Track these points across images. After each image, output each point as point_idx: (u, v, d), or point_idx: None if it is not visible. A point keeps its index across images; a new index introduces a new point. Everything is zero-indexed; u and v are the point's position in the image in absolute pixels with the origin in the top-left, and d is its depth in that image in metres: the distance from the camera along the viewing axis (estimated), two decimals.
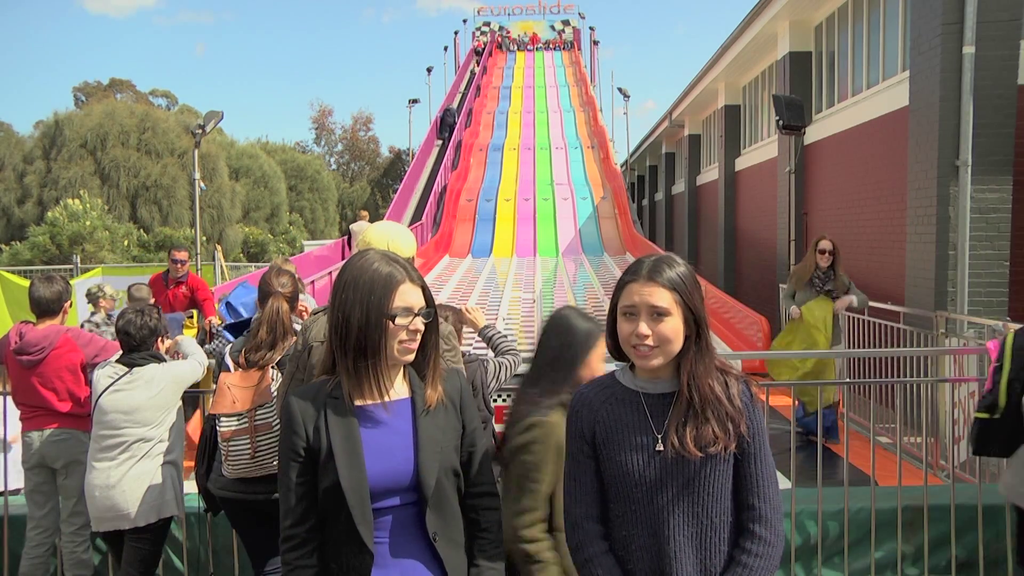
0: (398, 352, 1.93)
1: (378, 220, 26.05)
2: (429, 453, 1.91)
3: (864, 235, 11.23)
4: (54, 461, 4.01)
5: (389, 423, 1.94)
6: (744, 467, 1.86)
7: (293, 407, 1.95)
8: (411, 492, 1.91)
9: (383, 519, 1.90)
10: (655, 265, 1.88)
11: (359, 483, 1.85)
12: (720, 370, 1.88)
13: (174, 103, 49.36)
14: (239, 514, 3.31)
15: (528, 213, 23.15)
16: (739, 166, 18.99)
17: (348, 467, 1.86)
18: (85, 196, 25.76)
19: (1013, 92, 7.91)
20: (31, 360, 3.97)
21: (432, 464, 1.91)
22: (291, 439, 1.92)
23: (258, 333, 3.30)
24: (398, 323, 1.91)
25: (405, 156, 49.85)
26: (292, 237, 36.87)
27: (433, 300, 2.01)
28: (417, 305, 1.94)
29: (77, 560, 3.96)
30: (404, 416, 1.95)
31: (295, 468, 1.91)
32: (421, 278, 2.00)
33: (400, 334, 1.92)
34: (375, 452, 1.89)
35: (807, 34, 13.92)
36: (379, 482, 1.87)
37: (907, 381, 6.13)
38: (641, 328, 1.83)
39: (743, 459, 1.86)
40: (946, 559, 4.06)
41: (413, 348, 1.95)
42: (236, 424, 3.17)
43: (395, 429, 1.93)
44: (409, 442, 1.93)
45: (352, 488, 1.85)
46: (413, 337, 1.93)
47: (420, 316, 1.93)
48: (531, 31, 44.63)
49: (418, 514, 1.91)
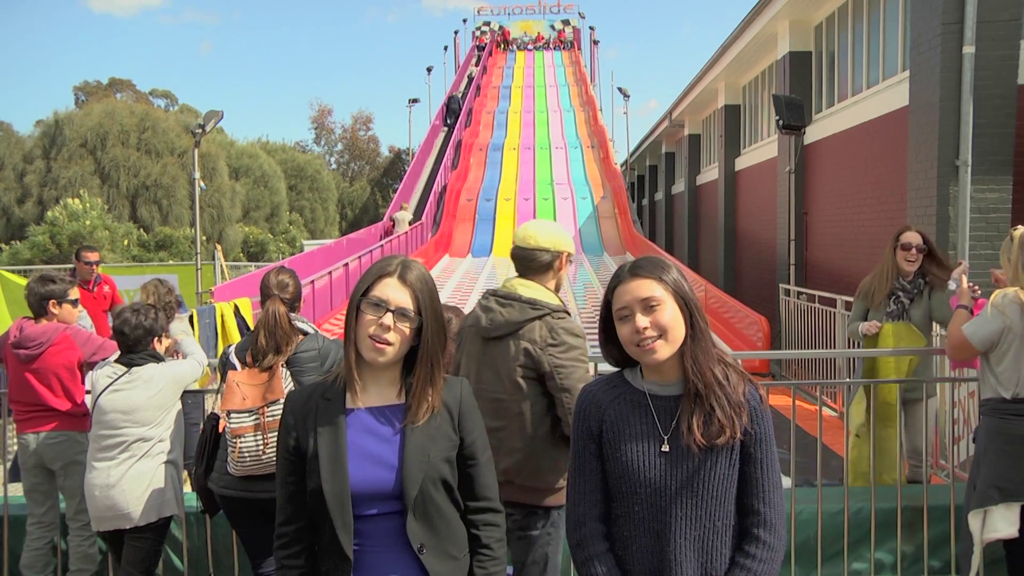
0: (365, 347, 1.87)
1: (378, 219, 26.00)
2: (414, 462, 1.86)
3: (864, 235, 11.22)
4: (52, 463, 4.02)
5: (377, 429, 1.90)
6: (750, 471, 1.86)
7: (288, 406, 1.95)
8: (396, 501, 1.87)
9: (367, 527, 1.86)
10: (635, 263, 1.91)
11: (340, 487, 1.83)
12: (721, 361, 1.89)
13: (174, 103, 49.36)
14: (241, 513, 3.31)
15: (528, 213, 23.15)
16: (739, 166, 18.98)
17: (331, 471, 1.84)
18: (85, 196, 25.73)
19: (1013, 92, 7.92)
20: (28, 354, 3.97)
21: (417, 473, 1.86)
22: (285, 437, 1.92)
23: (257, 339, 3.31)
24: (366, 312, 1.86)
25: (405, 156, 49.85)
26: (292, 237, 36.87)
27: (428, 313, 1.90)
28: (394, 302, 1.86)
29: (83, 554, 3.99)
30: (394, 422, 1.91)
31: (286, 467, 1.91)
32: (421, 285, 1.90)
33: (369, 327, 1.86)
34: (359, 457, 1.87)
35: (807, 34, 13.92)
36: (361, 488, 1.84)
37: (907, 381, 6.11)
38: (638, 322, 1.83)
39: (749, 462, 1.86)
40: (946, 559, 4.06)
41: (381, 348, 1.85)
42: (248, 420, 3.18)
43: (383, 435, 1.90)
44: (395, 449, 1.88)
45: (333, 492, 1.83)
46: (381, 334, 1.85)
47: (394, 314, 1.86)
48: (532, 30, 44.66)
49: (404, 524, 1.88)
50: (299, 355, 3.31)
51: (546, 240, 2.93)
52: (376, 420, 1.91)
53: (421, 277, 1.93)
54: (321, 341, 3.39)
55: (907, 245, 4.75)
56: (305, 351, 3.33)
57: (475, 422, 2.01)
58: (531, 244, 2.94)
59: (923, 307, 4.75)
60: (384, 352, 1.86)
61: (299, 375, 3.29)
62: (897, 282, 4.76)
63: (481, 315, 2.93)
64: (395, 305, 1.87)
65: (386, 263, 1.94)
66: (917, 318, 4.74)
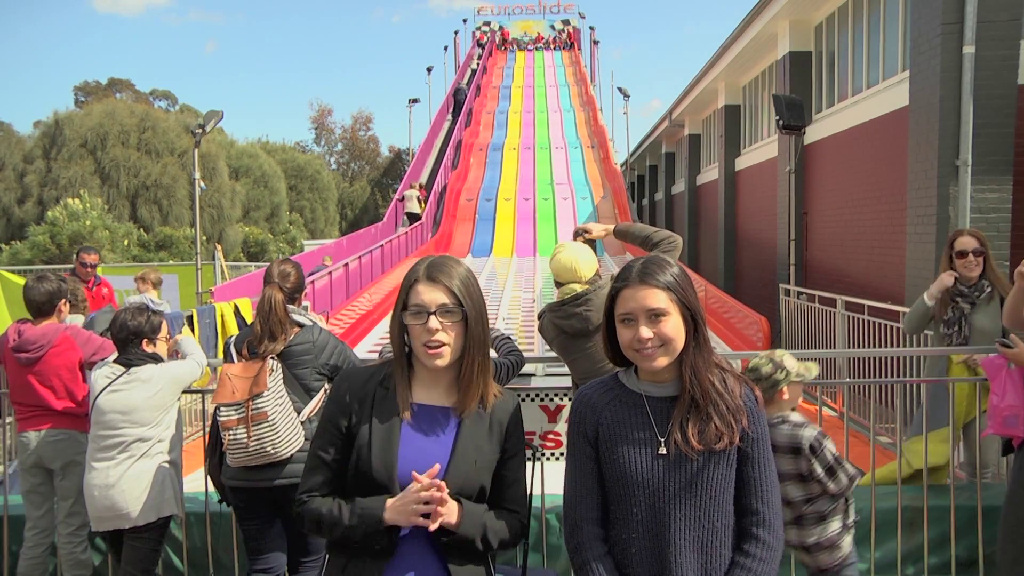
0: (423, 356, 1.90)
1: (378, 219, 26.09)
2: (462, 463, 1.90)
3: (864, 235, 11.22)
4: (51, 462, 4.00)
5: (431, 426, 1.93)
6: (747, 471, 1.86)
7: (344, 384, 1.97)
8: None
9: None
10: (644, 268, 1.88)
11: (388, 471, 1.87)
12: (718, 367, 1.89)
13: (174, 103, 49.40)
14: (248, 502, 3.35)
15: (528, 213, 23.15)
16: (739, 166, 18.98)
17: (381, 455, 1.87)
18: (85, 196, 25.76)
19: (1013, 92, 7.92)
20: (29, 358, 3.96)
21: (461, 476, 1.89)
22: (336, 414, 1.94)
23: (254, 327, 3.33)
24: (411, 322, 1.89)
25: (405, 156, 49.86)
26: (292, 237, 36.89)
27: (469, 302, 1.90)
28: (433, 304, 1.87)
29: (76, 560, 3.96)
30: (446, 423, 1.94)
31: (328, 440, 1.94)
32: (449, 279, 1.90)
33: (421, 335, 1.88)
34: (410, 448, 1.90)
35: (807, 34, 13.92)
36: (406, 478, 1.87)
37: (907, 381, 6.13)
38: (642, 332, 1.82)
39: (746, 463, 1.86)
40: (946, 559, 4.06)
41: (437, 352, 1.88)
42: (235, 414, 3.20)
43: (434, 433, 1.93)
44: (446, 449, 1.91)
45: (381, 475, 1.86)
46: (432, 338, 1.87)
47: (436, 315, 1.86)
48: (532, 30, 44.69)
49: None
50: (292, 348, 3.32)
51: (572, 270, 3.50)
52: (432, 418, 1.94)
53: (448, 272, 1.92)
54: (317, 334, 3.39)
55: (963, 252, 4.38)
56: (299, 343, 3.33)
57: (519, 440, 2.03)
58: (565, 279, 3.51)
59: (990, 312, 4.36)
60: (442, 354, 1.89)
61: (293, 368, 3.30)
62: (955, 287, 4.40)
63: (564, 322, 3.41)
64: (434, 306, 1.88)
65: (412, 271, 1.95)
66: (983, 324, 4.38)
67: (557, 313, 3.43)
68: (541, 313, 3.58)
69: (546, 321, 3.51)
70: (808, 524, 3.01)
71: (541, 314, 3.59)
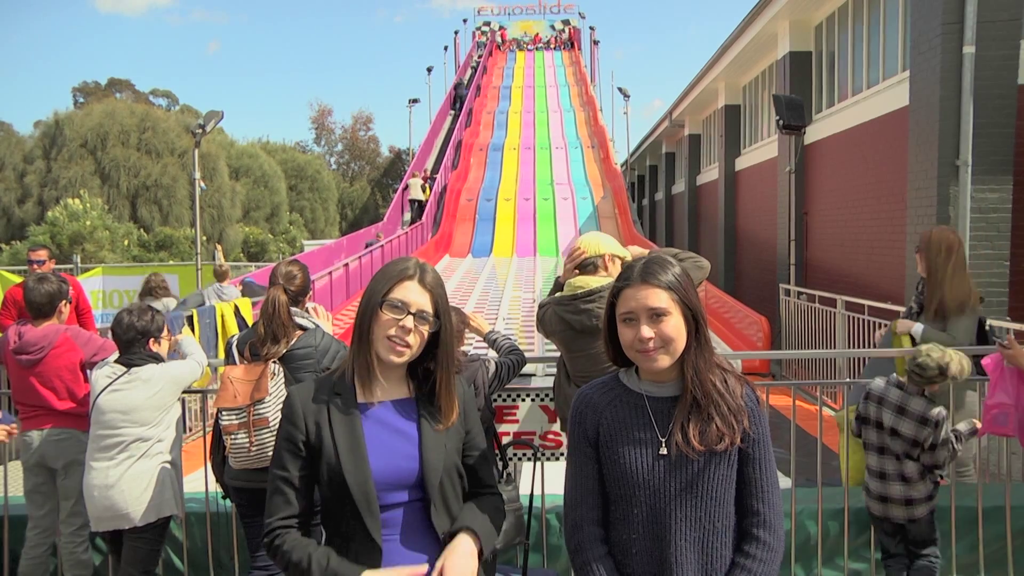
0: (384, 347, 1.89)
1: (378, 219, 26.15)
2: (433, 451, 1.91)
3: (864, 235, 11.22)
4: (54, 461, 4.00)
5: (393, 422, 1.93)
6: (748, 471, 1.86)
7: (295, 401, 1.95)
8: (416, 489, 1.91)
9: (389, 515, 1.89)
10: (646, 267, 1.86)
11: (363, 477, 1.85)
12: (719, 367, 1.88)
13: (175, 103, 49.41)
14: (250, 502, 3.34)
15: (528, 213, 23.16)
16: (739, 166, 18.99)
17: (352, 462, 1.86)
18: (85, 196, 25.76)
19: (1013, 92, 7.92)
20: (30, 359, 3.97)
21: (437, 463, 1.90)
22: (291, 432, 1.92)
23: (257, 328, 3.31)
24: (386, 313, 1.89)
25: (405, 156, 49.85)
26: (292, 237, 36.90)
27: (445, 316, 1.95)
28: (415, 305, 1.89)
29: (76, 560, 3.96)
30: (406, 415, 1.95)
31: (289, 460, 1.91)
32: (438, 288, 1.95)
33: (389, 328, 1.89)
34: (378, 449, 1.89)
35: (807, 34, 13.92)
36: (383, 478, 1.87)
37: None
38: (643, 332, 1.82)
39: (747, 463, 1.86)
40: (946, 559, 4.06)
41: (401, 350, 1.89)
42: (236, 419, 3.19)
43: (399, 428, 1.93)
44: (413, 440, 1.92)
45: (357, 482, 1.85)
46: (402, 336, 1.88)
47: (415, 316, 1.89)
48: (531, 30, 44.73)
49: (424, 509, 1.91)
50: (295, 351, 3.30)
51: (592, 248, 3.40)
52: (390, 414, 1.94)
53: (437, 280, 1.97)
54: (319, 338, 3.37)
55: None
56: (300, 347, 3.31)
57: (475, 417, 2.08)
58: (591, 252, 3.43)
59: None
60: (403, 353, 1.90)
61: (294, 372, 3.28)
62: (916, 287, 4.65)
63: (572, 317, 3.29)
64: (416, 308, 1.90)
65: (404, 266, 1.95)
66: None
67: (567, 307, 3.33)
68: (544, 303, 3.48)
69: (551, 313, 3.40)
70: (913, 481, 3.61)
71: (544, 304, 3.48)
